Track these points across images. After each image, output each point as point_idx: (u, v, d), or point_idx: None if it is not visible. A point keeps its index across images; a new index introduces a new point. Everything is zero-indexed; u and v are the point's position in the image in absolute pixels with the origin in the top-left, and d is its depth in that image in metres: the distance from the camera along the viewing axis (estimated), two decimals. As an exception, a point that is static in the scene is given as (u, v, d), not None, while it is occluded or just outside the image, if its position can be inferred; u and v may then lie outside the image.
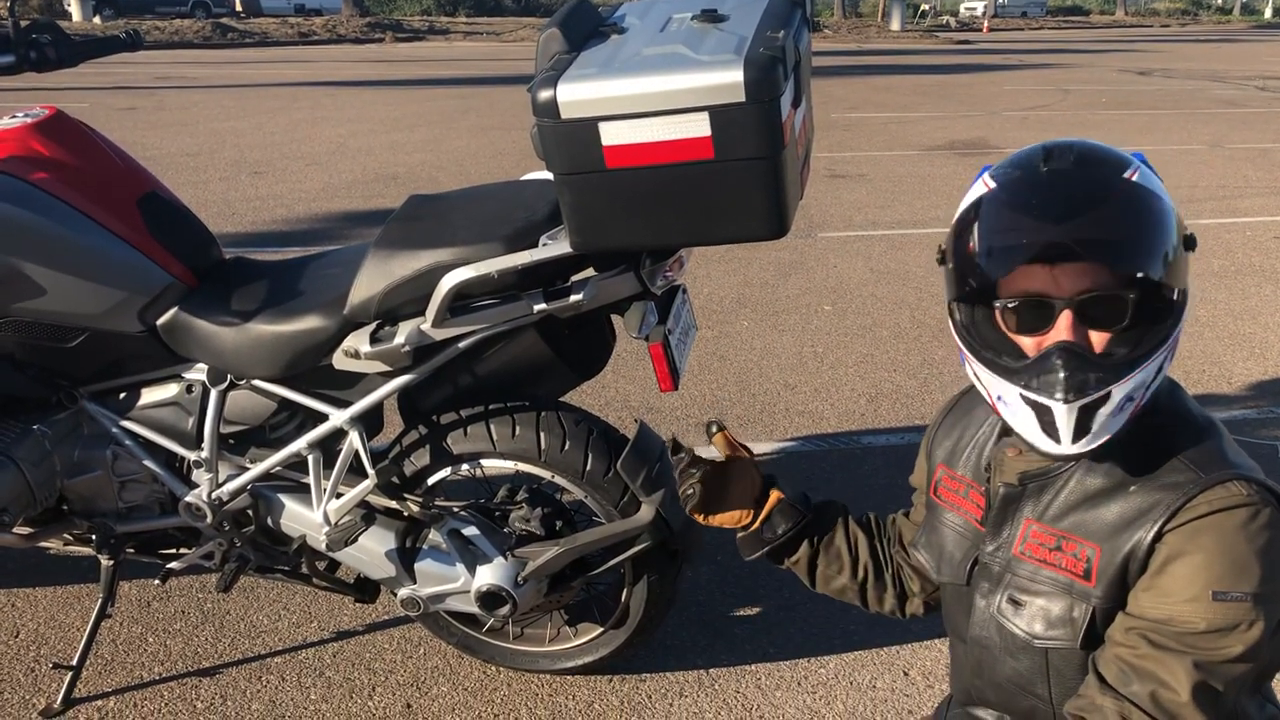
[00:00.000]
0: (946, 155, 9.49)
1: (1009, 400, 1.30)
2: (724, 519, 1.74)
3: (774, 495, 1.73)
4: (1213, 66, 20.17)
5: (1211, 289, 5.56)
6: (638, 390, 4.14)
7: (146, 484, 2.36)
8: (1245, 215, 7.24)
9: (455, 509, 2.26)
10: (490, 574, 2.22)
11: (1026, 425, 1.29)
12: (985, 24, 35.22)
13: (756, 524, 1.73)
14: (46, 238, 2.09)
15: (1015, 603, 1.40)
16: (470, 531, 2.24)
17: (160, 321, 2.20)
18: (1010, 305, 1.28)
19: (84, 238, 2.11)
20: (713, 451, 1.70)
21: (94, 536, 2.35)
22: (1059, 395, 1.24)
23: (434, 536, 2.28)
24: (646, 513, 2.16)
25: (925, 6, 39.19)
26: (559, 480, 2.22)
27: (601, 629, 2.42)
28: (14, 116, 2.22)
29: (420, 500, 2.24)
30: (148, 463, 2.31)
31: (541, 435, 2.16)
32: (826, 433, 3.80)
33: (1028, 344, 1.29)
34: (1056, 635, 1.36)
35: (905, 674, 2.53)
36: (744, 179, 1.69)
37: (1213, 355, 4.61)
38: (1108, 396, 1.24)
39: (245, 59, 19.40)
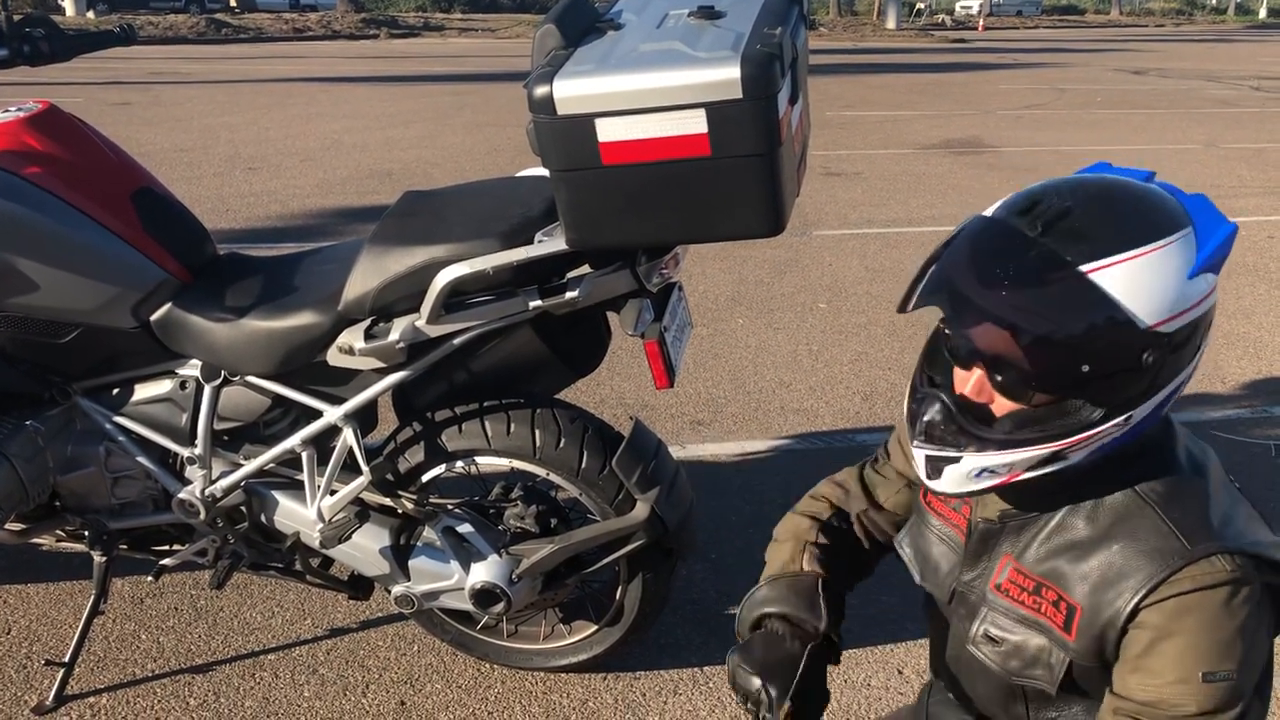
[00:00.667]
0: (942, 154, 9.49)
1: (905, 408, 1.34)
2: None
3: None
4: (1207, 66, 20.20)
5: (1206, 288, 5.56)
6: (632, 387, 4.14)
7: (140, 480, 2.35)
8: (1240, 215, 7.25)
9: (450, 506, 2.26)
10: (485, 571, 2.22)
11: (910, 444, 1.32)
12: (980, 23, 35.23)
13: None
14: (39, 233, 2.08)
15: (991, 639, 1.39)
16: (465, 529, 2.24)
17: (154, 317, 2.19)
18: (945, 330, 1.26)
19: (77, 233, 2.10)
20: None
21: (87, 533, 2.34)
22: (913, 431, 1.28)
23: (428, 534, 2.28)
24: (641, 510, 2.15)
25: (920, 5, 39.21)
26: (554, 478, 2.21)
27: (596, 627, 2.42)
28: (7, 111, 2.21)
29: (414, 497, 2.23)
30: (141, 459, 2.30)
31: (536, 432, 2.16)
32: (821, 430, 3.79)
33: (957, 375, 1.27)
34: (1033, 675, 1.34)
35: (899, 672, 2.53)
36: (740, 176, 1.68)
37: (1207, 354, 4.59)
38: (958, 460, 1.25)
39: (239, 54, 19.34)
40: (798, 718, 1.38)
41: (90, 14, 25.41)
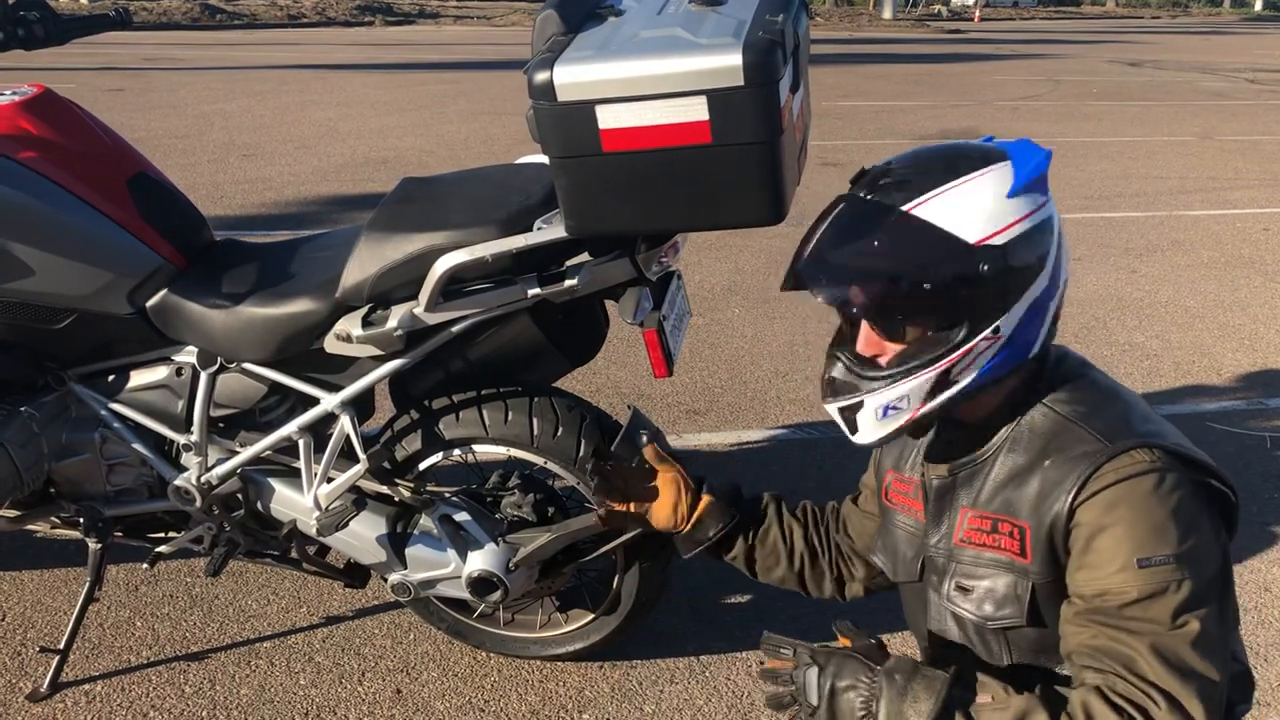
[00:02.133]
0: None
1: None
2: (655, 519, 1.87)
3: (705, 500, 1.82)
4: (1203, 58, 20.20)
5: (1201, 280, 5.57)
6: (629, 376, 4.13)
7: (135, 467, 2.34)
8: (1235, 207, 7.26)
9: (447, 494, 2.25)
10: (481, 560, 2.21)
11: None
12: (977, 13, 35.19)
13: (688, 526, 1.82)
14: (35, 218, 2.06)
15: (963, 589, 1.46)
16: (462, 517, 2.23)
17: (150, 303, 2.18)
18: (818, 298, 1.44)
19: (73, 218, 2.09)
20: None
21: (82, 520, 2.33)
22: (822, 395, 1.48)
23: (425, 522, 2.27)
24: (639, 499, 2.14)
25: (917, -5, 39.13)
26: (551, 466, 2.21)
27: (593, 615, 2.42)
28: (1, 95, 2.19)
29: (412, 485, 2.23)
30: (136, 446, 2.29)
31: (534, 421, 2.15)
32: (817, 421, 3.79)
33: (858, 340, 1.44)
34: (1005, 614, 1.41)
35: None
36: (741, 164, 1.67)
37: (1202, 346, 4.62)
38: (861, 404, 1.42)
39: (233, 41, 19.26)
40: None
41: (83, -1, 25.26)
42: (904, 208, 1.35)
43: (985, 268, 1.32)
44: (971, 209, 1.33)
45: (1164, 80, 15.94)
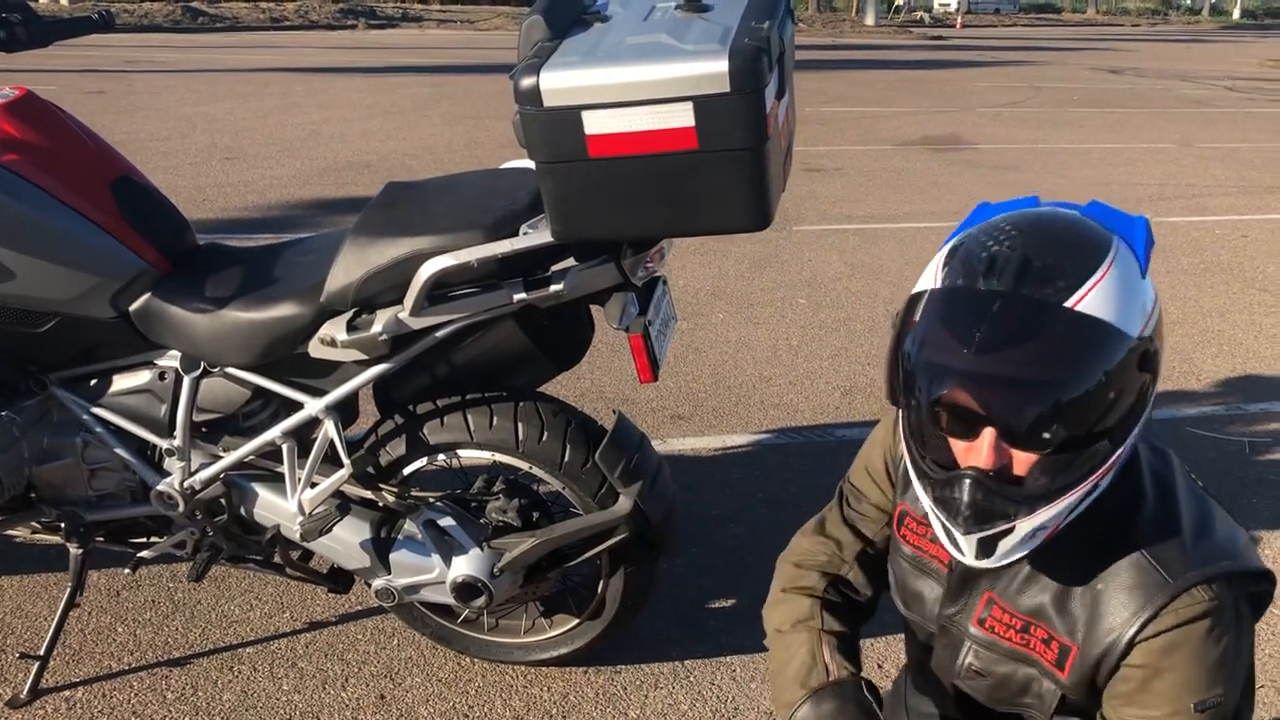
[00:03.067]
0: (920, 150, 9.52)
1: (926, 502, 1.28)
2: None
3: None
4: (1182, 66, 20.36)
5: (1180, 286, 5.61)
6: (613, 381, 4.13)
7: (117, 472, 2.32)
8: (1214, 214, 7.32)
9: (431, 499, 2.24)
10: (466, 565, 2.21)
11: (940, 529, 1.28)
12: (959, 20, 35.39)
13: None
14: (16, 221, 2.05)
15: (977, 673, 1.41)
16: (446, 522, 2.23)
17: (133, 307, 2.17)
18: (937, 406, 1.22)
19: (55, 221, 2.08)
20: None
21: (63, 525, 2.32)
22: (959, 523, 1.22)
23: (409, 527, 2.27)
24: (624, 504, 2.15)
25: (899, 2, 39.31)
26: (536, 471, 2.21)
27: (577, 620, 2.42)
28: (-17, 97, 2.17)
29: (396, 490, 2.22)
30: (119, 450, 2.28)
31: (519, 426, 2.15)
32: (801, 425, 3.80)
33: (958, 448, 1.23)
34: (1024, 703, 1.38)
35: (879, 666, 2.54)
36: (727, 170, 1.68)
37: (1182, 352, 4.65)
38: (1012, 529, 1.22)
39: (215, 43, 19.19)
40: None
41: (64, 0, 25.11)
42: (1068, 304, 1.14)
43: (1149, 362, 1.18)
44: (1125, 297, 1.16)
45: (1144, 88, 16.07)
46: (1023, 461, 1.19)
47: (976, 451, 1.20)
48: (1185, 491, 1.34)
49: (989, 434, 1.18)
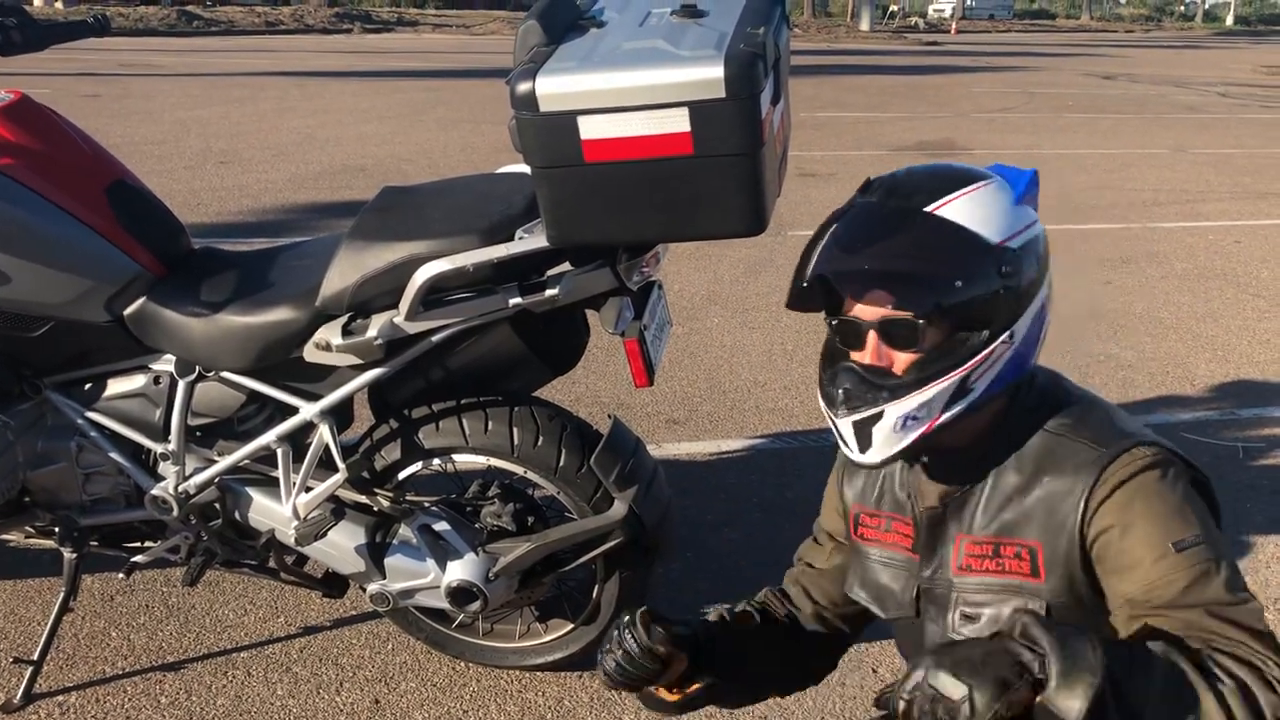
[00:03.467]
0: (915, 155, 9.54)
1: (823, 409, 1.43)
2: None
3: (694, 687, 1.56)
4: (1175, 72, 20.43)
5: (1175, 292, 5.63)
6: (608, 386, 4.14)
7: (111, 476, 2.32)
8: (1207, 219, 7.34)
9: (426, 504, 2.24)
10: (461, 570, 2.21)
11: (836, 436, 1.42)
12: (953, 26, 35.48)
13: (676, 697, 1.56)
14: (11, 225, 2.05)
15: (969, 618, 1.43)
16: (441, 527, 2.23)
17: (127, 311, 2.17)
18: (833, 324, 1.40)
19: (50, 225, 2.08)
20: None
21: (57, 529, 2.32)
22: (835, 409, 1.38)
23: (404, 532, 2.27)
24: (619, 509, 2.15)
25: (894, 7, 39.40)
26: (531, 476, 2.21)
27: (572, 625, 2.41)
28: (-22, 101, 2.17)
29: (391, 495, 2.22)
30: (113, 455, 2.27)
31: (514, 430, 2.15)
32: (796, 430, 3.81)
33: (856, 358, 1.38)
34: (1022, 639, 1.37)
35: (874, 671, 2.54)
36: (723, 175, 1.69)
37: (1176, 357, 4.67)
38: (881, 414, 1.35)
39: (210, 47, 19.18)
40: None
41: (59, 4, 25.11)
42: (928, 209, 1.33)
43: (1006, 269, 1.32)
44: (988, 212, 1.34)
45: (1138, 94, 16.11)
46: (902, 362, 1.35)
47: (864, 354, 1.37)
48: (1115, 407, 1.45)
49: (872, 336, 1.35)
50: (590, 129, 1.68)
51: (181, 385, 2.21)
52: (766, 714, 2.38)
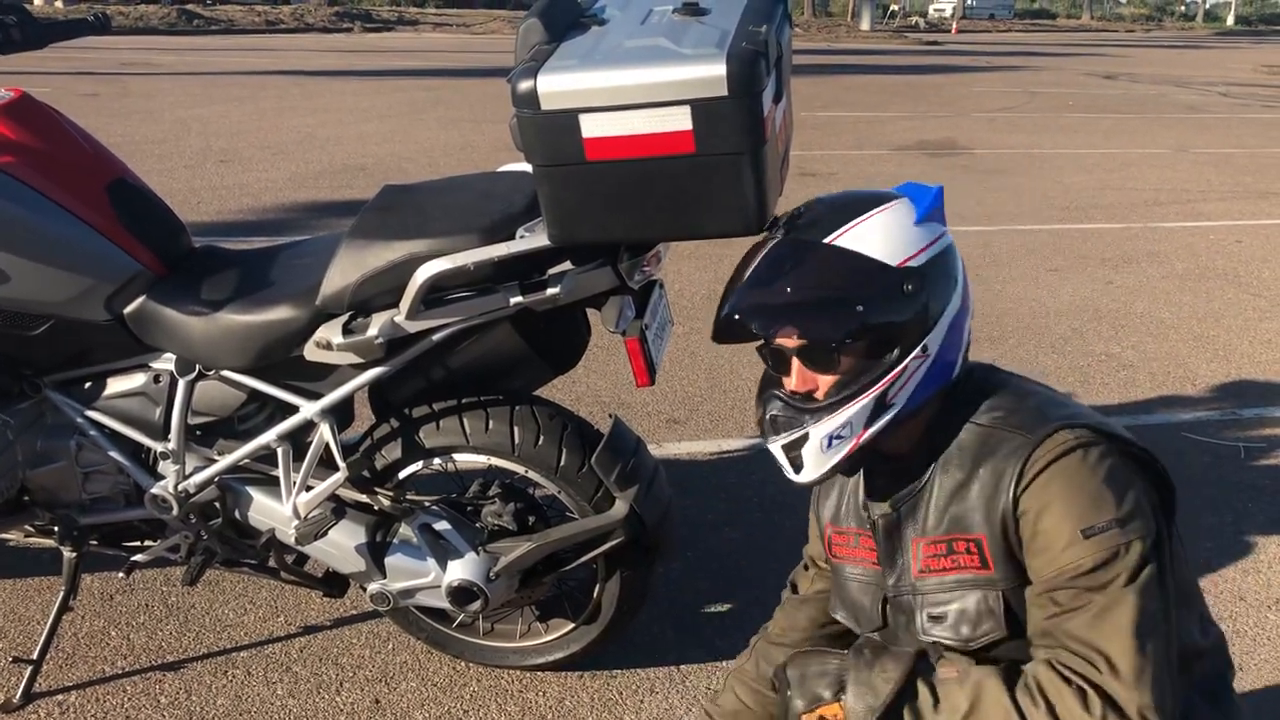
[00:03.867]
0: (916, 155, 9.54)
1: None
2: None
3: None
4: (1176, 72, 20.42)
5: (1175, 292, 5.62)
6: (608, 385, 4.13)
7: (111, 475, 2.31)
8: (1208, 219, 7.33)
9: (427, 503, 2.24)
10: (462, 569, 2.20)
11: (774, 456, 1.51)
12: (954, 25, 35.47)
13: None
14: (11, 223, 2.04)
15: (935, 618, 1.46)
16: (442, 526, 2.22)
17: (127, 310, 2.16)
18: (761, 350, 1.51)
19: (50, 224, 2.07)
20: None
21: (56, 528, 2.31)
22: (765, 435, 1.50)
23: (405, 531, 2.26)
24: (620, 508, 2.14)
25: (894, 7, 39.37)
26: (532, 475, 2.20)
27: (573, 625, 2.41)
28: (-22, 99, 2.17)
29: (391, 494, 2.21)
30: (113, 454, 2.27)
31: (515, 429, 2.15)
32: (797, 430, 3.79)
33: (787, 384, 1.48)
34: (984, 631, 1.42)
35: (875, 671, 2.53)
36: (725, 174, 1.68)
37: (1177, 357, 4.66)
38: (806, 437, 1.44)
39: (210, 46, 19.17)
40: None
41: (59, 3, 25.09)
42: (826, 240, 1.43)
43: (909, 287, 1.40)
44: (887, 236, 1.42)
45: (1138, 93, 16.11)
46: (824, 384, 1.44)
47: (790, 381, 1.46)
48: (1040, 388, 1.50)
49: (795, 362, 1.45)
50: (592, 127, 1.67)
51: (182, 384, 2.20)
52: None
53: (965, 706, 1.34)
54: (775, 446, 1.48)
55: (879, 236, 1.42)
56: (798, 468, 1.47)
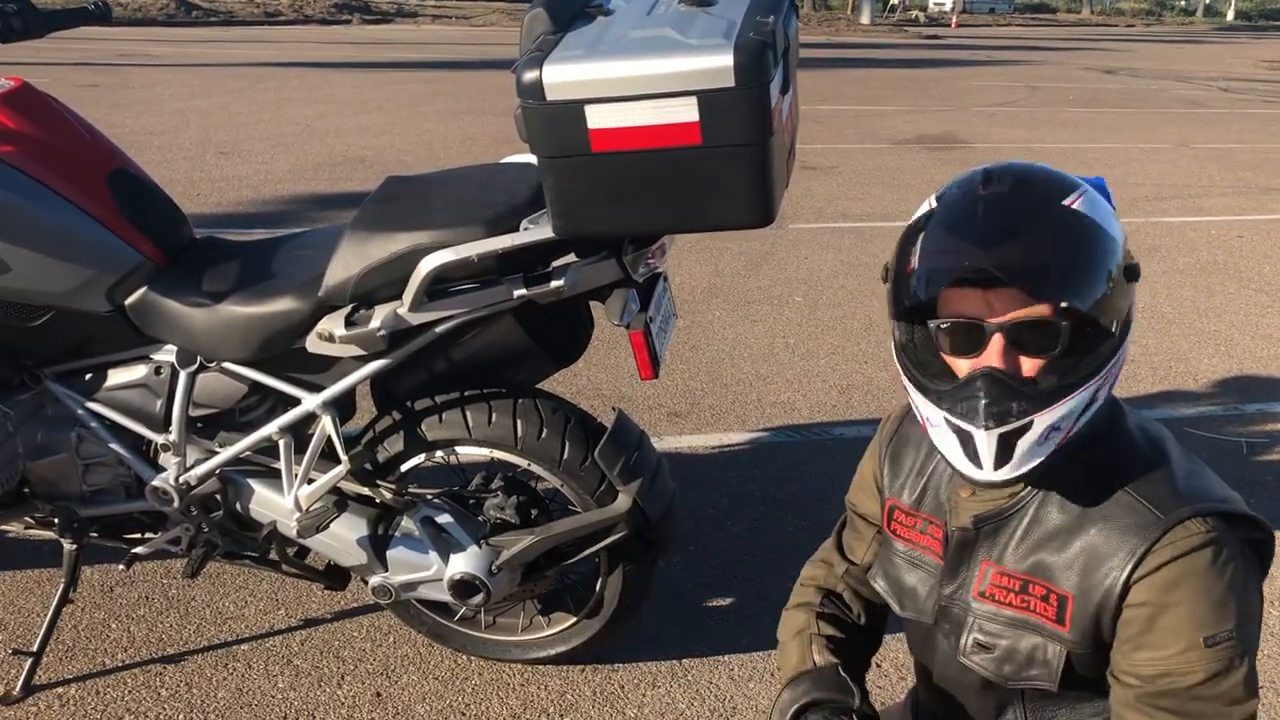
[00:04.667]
0: (916, 149, 9.52)
1: (935, 423, 1.30)
2: None
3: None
4: (1177, 67, 20.39)
5: (1177, 286, 5.61)
6: (609, 378, 4.12)
7: (112, 467, 2.30)
8: (1209, 214, 7.32)
9: (429, 496, 2.23)
10: (464, 562, 2.20)
11: (952, 450, 1.28)
12: (954, 19, 35.38)
13: None
14: (11, 213, 2.03)
15: (983, 647, 1.39)
16: (444, 519, 2.22)
17: (129, 301, 2.15)
18: (943, 327, 1.25)
19: (50, 214, 2.06)
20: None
21: (57, 520, 2.30)
22: (979, 422, 1.24)
23: (407, 524, 2.25)
24: (623, 502, 2.14)
25: (894, 1, 39.31)
26: (535, 468, 2.20)
27: (575, 618, 2.40)
28: (-22, 88, 2.15)
29: (393, 487, 2.21)
30: (113, 445, 2.26)
31: (518, 422, 2.14)
32: (798, 424, 3.79)
33: (962, 366, 1.26)
34: (1031, 675, 1.35)
35: (877, 666, 2.52)
36: (731, 165, 1.67)
37: (1179, 352, 4.65)
38: (1030, 425, 1.23)
39: (209, 37, 19.11)
40: None
41: (57, -6, 24.98)
42: (1064, 202, 1.22)
43: (1129, 269, 1.24)
44: (1105, 211, 1.25)
45: (1139, 88, 16.08)
46: (1031, 366, 1.24)
47: (985, 359, 1.23)
48: (1177, 449, 1.35)
49: (997, 340, 1.22)
50: (597, 118, 1.66)
51: (183, 376, 2.19)
52: (769, 707, 2.37)
53: None
54: (989, 435, 1.24)
55: (1100, 208, 1.24)
56: (1001, 461, 1.25)
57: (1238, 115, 13.00)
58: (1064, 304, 1.19)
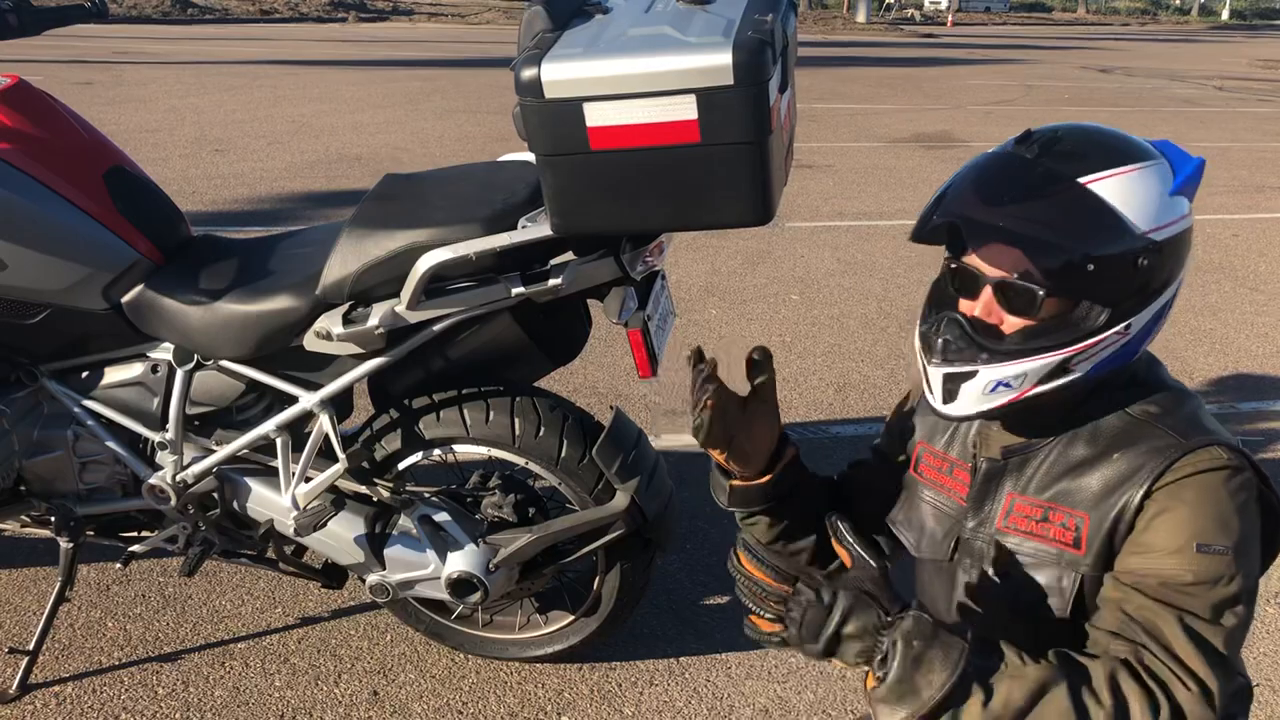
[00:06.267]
0: (912, 147, 9.52)
1: (916, 350, 1.41)
2: (732, 461, 1.59)
3: (791, 451, 1.63)
4: (1172, 66, 20.41)
5: (1173, 285, 5.61)
6: (606, 377, 4.12)
7: (109, 465, 2.30)
8: (1205, 213, 7.33)
9: (426, 494, 2.23)
10: (461, 561, 2.20)
11: (922, 378, 1.40)
12: (949, 18, 35.39)
13: (766, 478, 1.60)
14: (7, 211, 2.03)
15: (1003, 575, 1.41)
16: (441, 518, 2.21)
17: (125, 299, 2.14)
18: (952, 265, 1.35)
19: (47, 211, 2.05)
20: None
21: (53, 518, 2.29)
22: (932, 356, 1.36)
23: (404, 522, 2.25)
24: (621, 501, 2.14)
25: (890, -1, 39.34)
26: (532, 466, 2.19)
27: (572, 617, 2.40)
28: (-26, 85, 2.15)
29: (391, 485, 2.20)
30: (110, 444, 2.25)
31: (516, 421, 2.14)
32: (795, 422, 3.79)
33: (965, 307, 1.35)
34: (1045, 605, 1.37)
35: (875, 664, 2.52)
36: (730, 164, 1.66)
37: (1175, 351, 4.66)
38: (975, 374, 1.32)
39: (205, 35, 19.07)
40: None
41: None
42: (1081, 180, 1.27)
43: (1144, 261, 1.27)
44: (1142, 197, 1.27)
45: (1134, 87, 16.10)
46: (1011, 325, 1.31)
47: (975, 307, 1.33)
48: (1204, 407, 1.40)
49: (986, 291, 1.31)
50: (596, 116, 1.66)
51: (180, 374, 2.19)
52: (768, 706, 2.37)
53: (1022, 703, 1.23)
54: (937, 372, 1.35)
55: (1134, 194, 1.27)
56: (948, 399, 1.35)
57: (1233, 114, 13.03)
58: (1045, 276, 1.26)
